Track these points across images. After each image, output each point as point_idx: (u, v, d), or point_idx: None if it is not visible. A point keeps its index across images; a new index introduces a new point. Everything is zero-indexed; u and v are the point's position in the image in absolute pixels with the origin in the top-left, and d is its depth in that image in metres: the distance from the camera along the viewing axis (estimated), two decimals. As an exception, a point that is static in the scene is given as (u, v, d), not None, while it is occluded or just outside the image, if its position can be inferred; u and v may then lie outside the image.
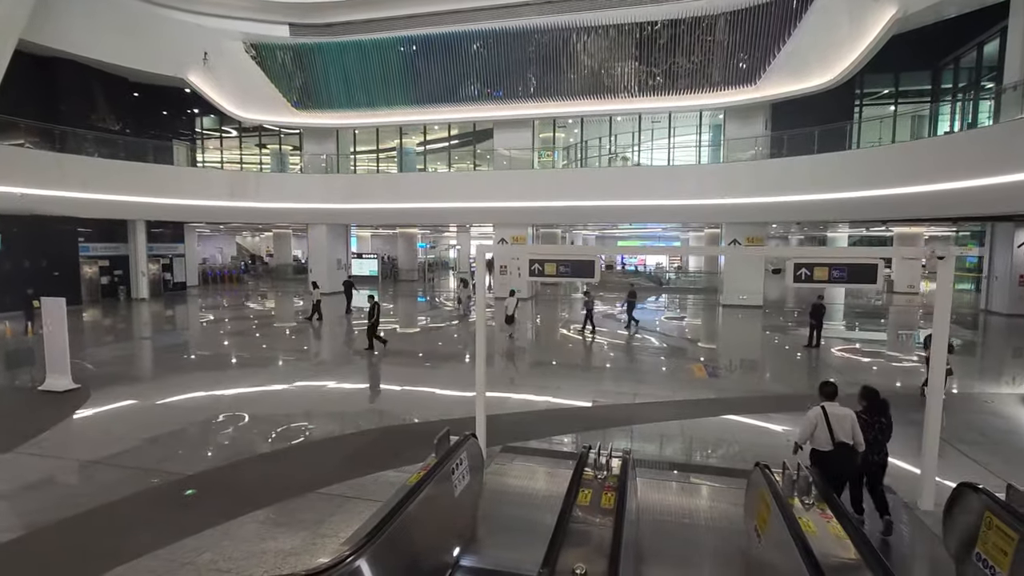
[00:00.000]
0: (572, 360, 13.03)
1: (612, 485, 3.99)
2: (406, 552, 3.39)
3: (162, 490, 5.76)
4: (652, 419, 8.42)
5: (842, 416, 4.92)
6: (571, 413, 8.71)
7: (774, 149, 20.50)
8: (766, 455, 5.66)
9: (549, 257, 5.66)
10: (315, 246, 26.23)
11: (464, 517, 4.55)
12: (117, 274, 23.19)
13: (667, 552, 4.42)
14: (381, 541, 3.08)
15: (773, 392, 10.30)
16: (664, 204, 21.02)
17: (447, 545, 4.14)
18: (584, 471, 4.24)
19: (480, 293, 6.36)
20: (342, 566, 2.69)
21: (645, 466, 6.36)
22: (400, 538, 3.33)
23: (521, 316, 17.98)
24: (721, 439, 7.62)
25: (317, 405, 9.08)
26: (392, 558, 3.14)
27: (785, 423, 8.00)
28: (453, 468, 4.40)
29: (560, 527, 3.31)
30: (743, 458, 6.69)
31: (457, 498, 4.41)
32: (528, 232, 24.19)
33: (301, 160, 26.75)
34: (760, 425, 8.17)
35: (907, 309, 22.31)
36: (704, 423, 8.26)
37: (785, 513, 3.37)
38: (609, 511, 3.61)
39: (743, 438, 7.55)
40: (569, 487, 3.82)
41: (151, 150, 22.34)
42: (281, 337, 15.82)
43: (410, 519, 3.51)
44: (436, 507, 4.04)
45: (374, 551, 2.96)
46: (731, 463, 6.65)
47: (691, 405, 9.15)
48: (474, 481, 4.80)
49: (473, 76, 22.42)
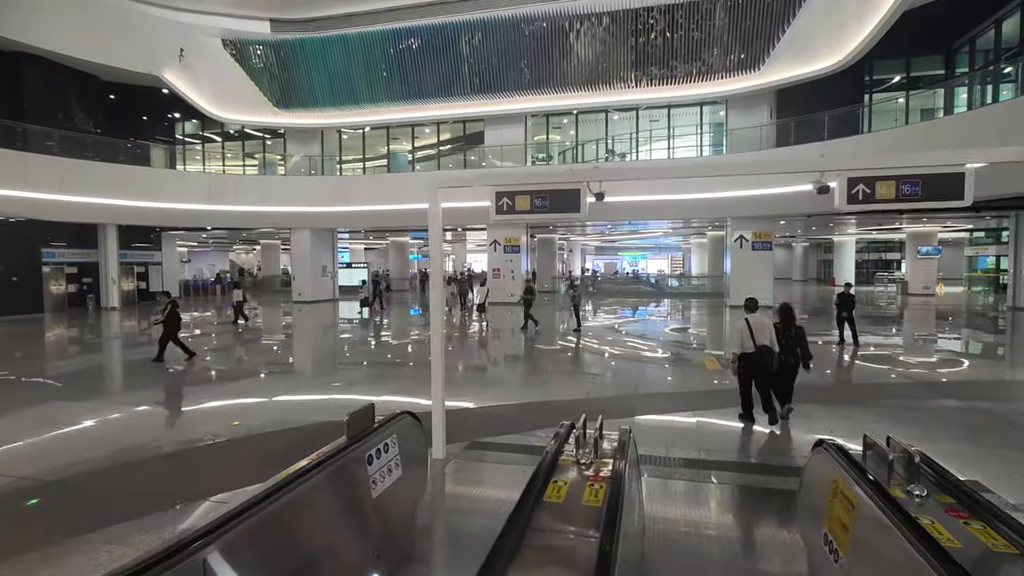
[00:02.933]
0: (562, 353, 11.61)
1: (602, 473, 2.57)
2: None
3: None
4: (660, 410, 6.99)
5: (762, 324, 6.24)
6: (559, 407, 7.26)
7: (780, 139, 19.33)
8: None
9: (520, 187, 4.32)
10: (298, 252, 24.93)
11: (391, 525, 3.12)
12: (86, 282, 21.85)
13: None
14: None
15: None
16: (664, 199, 19.80)
17: (352, 564, 2.72)
18: (562, 455, 2.83)
19: (437, 278, 5.00)
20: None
21: (653, 463, 4.93)
22: (245, 550, 1.95)
23: (510, 318, 16.66)
24: (748, 435, 6.18)
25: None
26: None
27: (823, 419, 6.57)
28: (370, 456, 3.00)
29: (507, 538, 1.89)
30: (780, 453, 5.26)
31: (379, 499, 3.00)
32: (523, 239, 22.93)
33: (286, 163, 25.66)
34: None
35: (925, 312, 20.81)
36: (727, 416, 6.83)
37: (893, 512, 1.97)
38: (594, 511, 2.19)
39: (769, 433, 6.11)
40: (533, 478, 2.41)
41: (125, 151, 21.19)
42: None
43: (270, 523, 2.13)
44: (332, 510, 2.63)
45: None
46: (764, 457, 5.20)
47: (705, 397, 7.72)
48: (411, 477, 3.38)
49: (462, 69, 21.38)
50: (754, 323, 6.23)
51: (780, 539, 3.62)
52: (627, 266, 49.86)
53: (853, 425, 6.07)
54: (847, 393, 8.40)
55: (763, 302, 20.16)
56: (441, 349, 4.80)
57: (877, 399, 7.77)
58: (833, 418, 6.58)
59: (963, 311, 20.74)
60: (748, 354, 6.20)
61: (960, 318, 18.73)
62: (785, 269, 44.69)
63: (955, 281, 33.87)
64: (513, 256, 22.83)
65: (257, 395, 8.15)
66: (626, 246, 48.32)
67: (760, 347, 6.11)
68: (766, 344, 6.11)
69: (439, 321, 4.72)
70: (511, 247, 22.79)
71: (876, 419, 6.57)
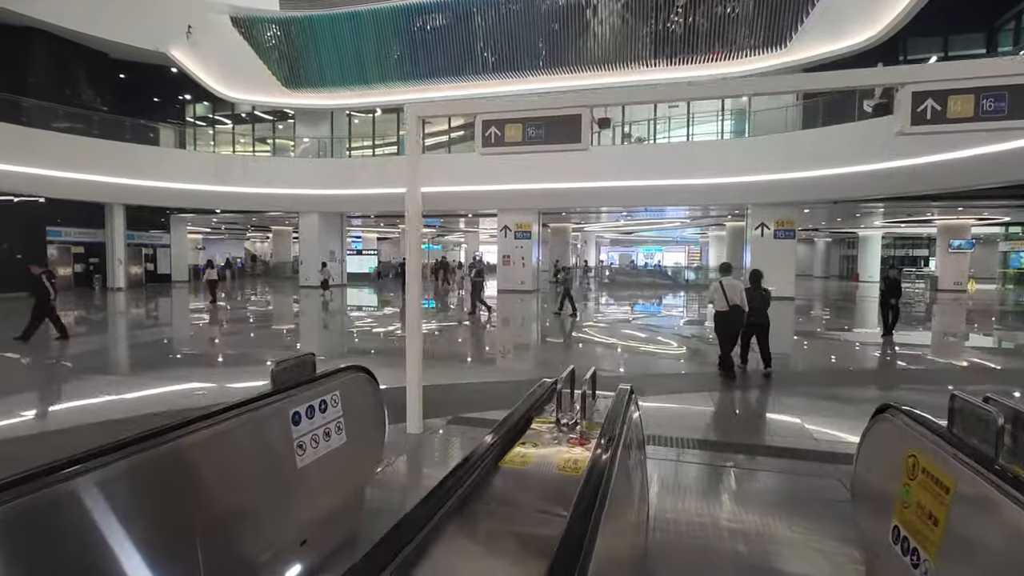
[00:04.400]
0: (565, 334, 10.91)
1: (588, 438, 1.90)
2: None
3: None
4: (671, 390, 6.28)
5: (734, 285, 6.96)
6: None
7: (807, 121, 18.33)
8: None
9: (511, 114, 3.64)
10: (306, 236, 24.54)
11: (325, 504, 2.48)
12: (93, 262, 21.67)
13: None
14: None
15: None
16: (682, 184, 18.93)
17: (264, 549, 2.09)
18: (540, 415, 2.16)
19: (414, 230, 4.36)
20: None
21: (661, 443, 4.24)
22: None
23: (521, 308, 16.00)
24: (776, 415, 5.44)
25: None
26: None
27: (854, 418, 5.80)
28: (297, 414, 2.36)
29: (426, 507, 1.23)
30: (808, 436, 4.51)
31: (307, 469, 2.36)
32: (535, 226, 22.22)
33: (295, 145, 25.24)
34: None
35: (956, 309, 19.65)
36: (749, 399, 6.10)
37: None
38: (571, 482, 1.50)
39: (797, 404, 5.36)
40: (492, 436, 1.74)
41: (132, 130, 20.90)
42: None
43: (144, 473, 1.52)
44: (231, 473, 2.01)
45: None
46: (796, 440, 4.47)
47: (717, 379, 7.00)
48: (360, 447, 2.74)
49: (476, 48, 20.65)
50: (727, 285, 6.98)
51: (822, 536, 2.91)
52: (643, 259, 48.84)
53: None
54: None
55: (785, 293, 19.37)
56: (419, 314, 4.15)
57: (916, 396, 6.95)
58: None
59: (1003, 309, 19.55)
60: (722, 312, 6.98)
61: (1007, 316, 17.56)
62: (807, 265, 43.29)
63: (986, 279, 32.32)
64: (524, 242, 22.12)
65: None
66: (642, 239, 47.28)
67: (732, 306, 6.90)
68: (737, 304, 6.92)
69: (416, 286, 4.07)
70: (522, 233, 22.09)
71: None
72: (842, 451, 4.12)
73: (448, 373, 7.16)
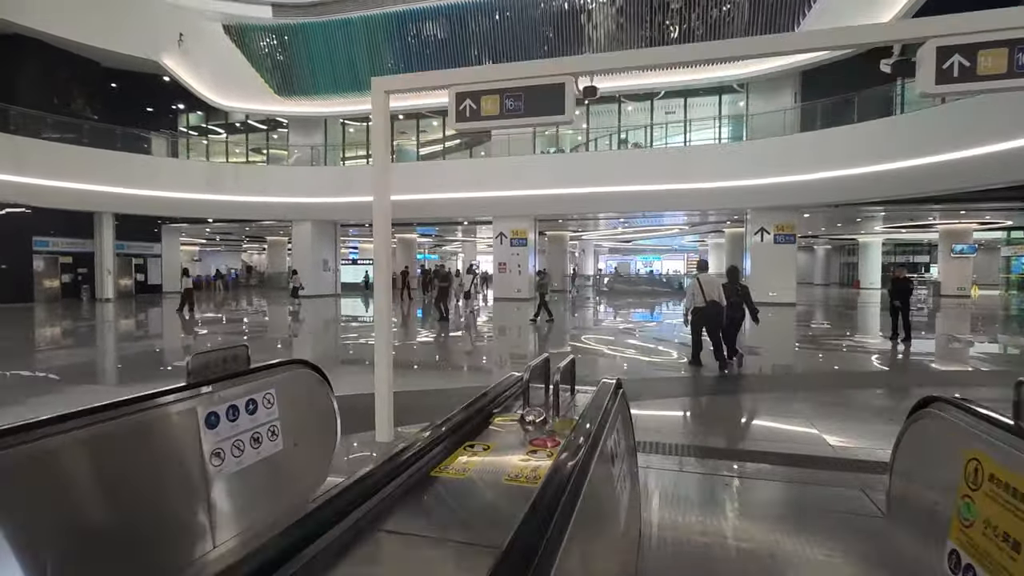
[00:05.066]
0: (551, 338, 10.48)
1: (559, 435, 1.49)
2: None
3: None
4: (667, 394, 5.86)
5: (711, 281, 7.04)
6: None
7: (805, 124, 18.07)
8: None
9: (486, 84, 3.26)
10: (299, 245, 24.17)
11: (247, 520, 2.06)
12: (81, 272, 21.27)
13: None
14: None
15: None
16: (679, 188, 18.63)
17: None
18: (501, 412, 1.76)
19: (383, 223, 3.99)
20: None
21: (658, 451, 3.82)
22: None
23: (517, 316, 15.58)
24: (786, 419, 5.02)
25: None
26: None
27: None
28: (213, 415, 1.95)
29: (293, 536, 0.83)
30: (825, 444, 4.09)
31: (227, 478, 1.95)
32: (531, 233, 21.86)
33: (288, 154, 25.00)
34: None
35: (961, 314, 19.25)
36: (755, 404, 5.67)
37: None
38: (522, 495, 1.09)
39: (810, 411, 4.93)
40: (429, 433, 1.34)
41: (122, 138, 20.61)
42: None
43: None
44: (117, 482, 1.60)
45: None
46: (811, 447, 4.04)
47: (729, 382, 6.59)
48: (302, 456, 2.33)
49: (470, 54, 20.46)
50: (704, 281, 7.03)
51: (847, 558, 2.48)
52: (641, 267, 48.51)
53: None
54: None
55: (786, 299, 18.97)
56: (388, 311, 3.75)
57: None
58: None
59: (1012, 314, 19.15)
60: (700, 308, 6.97)
61: (1012, 321, 17.16)
62: (807, 272, 42.93)
63: (989, 285, 31.93)
64: (520, 249, 21.76)
65: None
66: (641, 247, 46.98)
67: (710, 302, 6.89)
68: (715, 300, 6.91)
69: (385, 283, 3.68)
70: (518, 240, 21.73)
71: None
72: (864, 458, 3.70)
73: (427, 379, 6.74)
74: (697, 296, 6.97)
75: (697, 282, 7.04)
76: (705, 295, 6.90)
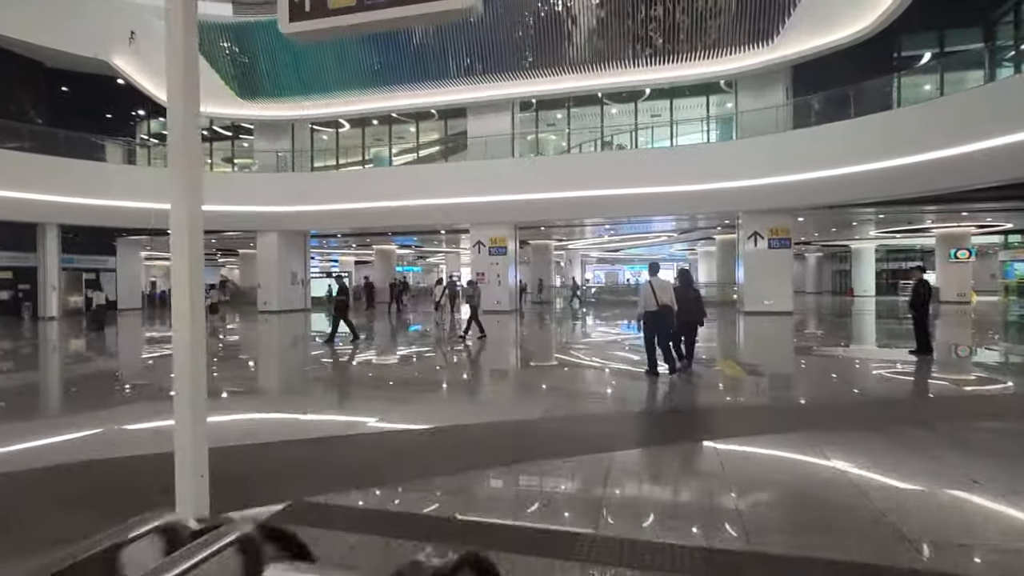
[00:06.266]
0: (480, 360, 9.10)
1: None
2: None
3: None
4: (667, 440, 4.48)
5: (664, 286, 7.10)
6: (500, 433, 4.75)
7: (799, 120, 17.01)
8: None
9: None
10: (264, 257, 22.66)
11: None
12: (23, 288, 19.60)
13: None
14: None
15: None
16: (666, 191, 17.46)
17: None
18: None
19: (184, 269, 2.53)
20: None
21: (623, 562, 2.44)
22: None
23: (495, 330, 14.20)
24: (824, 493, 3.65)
25: None
26: None
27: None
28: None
29: None
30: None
31: None
32: (511, 241, 20.57)
33: (253, 161, 23.58)
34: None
35: (961, 321, 18.14)
36: (775, 446, 4.30)
37: None
38: None
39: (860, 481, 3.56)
40: None
41: (69, 144, 19.05)
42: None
43: None
44: None
45: None
46: (877, 546, 2.67)
47: (734, 417, 5.23)
48: None
49: (442, 50, 19.23)
50: (657, 285, 6.95)
51: None
52: (629, 277, 47.40)
53: (947, 469, 3.56)
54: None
55: (782, 308, 17.77)
56: (195, 343, 2.30)
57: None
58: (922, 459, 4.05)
59: (1008, 320, 18.09)
60: (652, 312, 6.87)
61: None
62: (798, 281, 41.87)
63: (987, 291, 31.02)
64: (499, 259, 20.42)
65: None
66: (629, 257, 45.83)
67: (662, 306, 6.83)
68: (667, 303, 6.87)
69: (189, 307, 2.26)
70: (497, 248, 20.41)
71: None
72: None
73: (370, 412, 5.32)
74: (649, 300, 6.88)
75: (650, 286, 6.96)
76: (658, 299, 6.83)
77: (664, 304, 6.84)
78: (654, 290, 6.89)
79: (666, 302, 6.87)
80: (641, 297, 7.15)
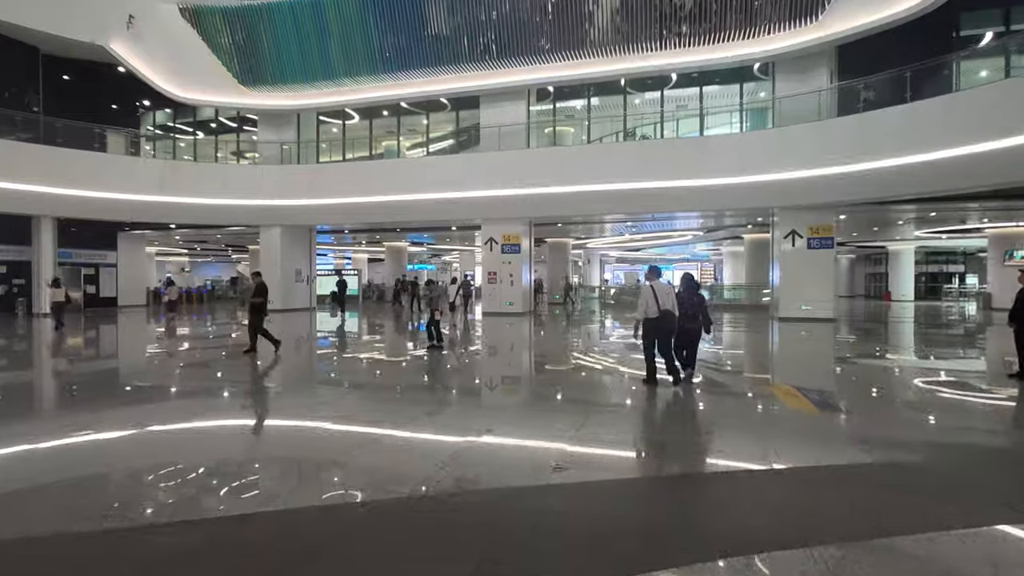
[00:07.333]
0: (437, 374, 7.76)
1: None
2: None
3: None
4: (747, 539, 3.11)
5: (665, 290, 6.54)
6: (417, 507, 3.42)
7: (844, 107, 15.35)
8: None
9: None
10: (266, 253, 21.68)
11: None
12: (17, 283, 18.88)
13: None
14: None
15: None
16: (696, 184, 15.97)
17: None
18: None
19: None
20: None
21: None
22: None
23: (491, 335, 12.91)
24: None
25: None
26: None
27: None
28: None
29: None
30: None
31: None
32: (524, 238, 19.23)
33: (259, 152, 22.62)
34: None
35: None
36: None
37: None
38: None
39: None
40: None
41: (67, 134, 18.25)
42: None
43: None
44: None
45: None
46: None
47: (824, 481, 3.82)
48: None
49: (455, 33, 17.93)
50: (658, 289, 6.45)
51: None
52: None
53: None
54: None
55: (822, 314, 16.07)
56: None
57: None
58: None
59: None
60: (653, 318, 6.41)
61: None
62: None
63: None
64: (512, 257, 19.09)
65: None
66: (650, 257, 44.10)
67: (664, 311, 6.38)
68: (669, 309, 6.41)
69: None
70: (510, 246, 19.09)
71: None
72: None
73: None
74: (650, 305, 6.39)
75: (651, 289, 6.43)
76: (660, 304, 6.36)
77: (666, 310, 6.38)
78: (656, 294, 6.38)
79: (668, 307, 6.41)
80: (640, 301, 6.55)
